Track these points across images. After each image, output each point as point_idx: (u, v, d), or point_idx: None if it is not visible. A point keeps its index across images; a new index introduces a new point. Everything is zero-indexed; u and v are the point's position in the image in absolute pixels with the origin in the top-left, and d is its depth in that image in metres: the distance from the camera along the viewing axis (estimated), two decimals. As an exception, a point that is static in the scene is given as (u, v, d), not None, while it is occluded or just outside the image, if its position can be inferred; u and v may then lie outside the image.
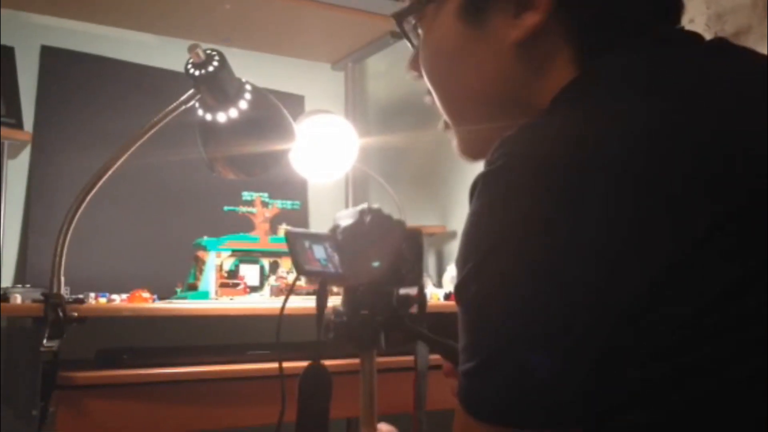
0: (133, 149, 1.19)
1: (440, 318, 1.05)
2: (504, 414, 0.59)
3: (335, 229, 0.98)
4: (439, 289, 1.69)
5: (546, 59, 0.71)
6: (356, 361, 1.00)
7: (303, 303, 1.27)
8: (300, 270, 0.94)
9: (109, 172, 1.18)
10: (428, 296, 1.61)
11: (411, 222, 1.35)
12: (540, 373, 0.58)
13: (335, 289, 1.06)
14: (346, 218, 0.99)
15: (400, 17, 0.81)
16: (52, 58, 1.83)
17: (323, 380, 0.96)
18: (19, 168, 1.76)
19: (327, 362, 0.93)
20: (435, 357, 1.00)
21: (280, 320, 0.98)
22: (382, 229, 0.98)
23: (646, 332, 0.56)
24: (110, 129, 1.77)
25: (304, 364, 0.93)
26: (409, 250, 0.99)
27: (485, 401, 0.60)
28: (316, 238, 0.98)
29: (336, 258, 0.98)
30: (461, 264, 0.63)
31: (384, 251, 0.96)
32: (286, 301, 0.98)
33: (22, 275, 1.73)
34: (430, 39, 0.79)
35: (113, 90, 1.88)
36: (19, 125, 1.65)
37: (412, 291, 1.01)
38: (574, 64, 0.70)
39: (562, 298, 0.57)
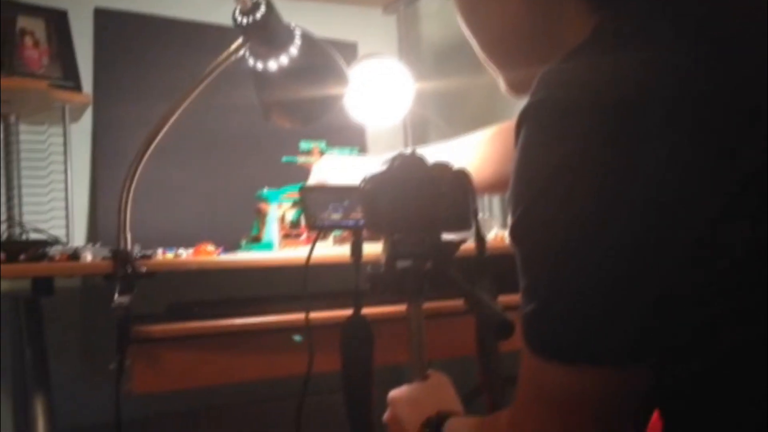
0: (187, 102, 1.19)
1: (504, 260, 1.02)
2: (569, 352, 0.59)
3: (364, 178, 0.96)
4: (505, 230, 1.66)
5: (557, 6, 0.71)
6: (404, 307, 0.99)
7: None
8: (309, 225, 0.95)
9: (166, 126, 1.19)
10: (494, 237, 1.58)
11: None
12: (601, 311, 0.57)
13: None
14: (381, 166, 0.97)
15: None
16: (105, 20, 1.85)
17: (363, 331, 0.96)
18: (82, 131, 1.80)
19: (375, 309, 0.93)
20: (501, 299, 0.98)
21: (306, 270, 0.99)
22: (412, 173, 0.95)
23: (707, 270, 0.55)
24: (169, 86, 1.78)
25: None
26: (451, 193, 0.96)
27: (549, 341, 0.60)
28: (335, 192, 0.97)
29: (358, 209, 0.96)
30: (513, 204, 0.62)
31: (415, 197, 0.94)
32: (311, 252, 0.99)
33: (93, 235, 1.78)
34: None
35: (168, 48, 1.89)
36: (77, 88, 1.68)
37: (460, 235, 0.98)
38: (588, 11, 0.69)
39: (620, 234, 0.55)
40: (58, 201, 1.66)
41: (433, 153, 1.17)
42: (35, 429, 1.24)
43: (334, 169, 1.35)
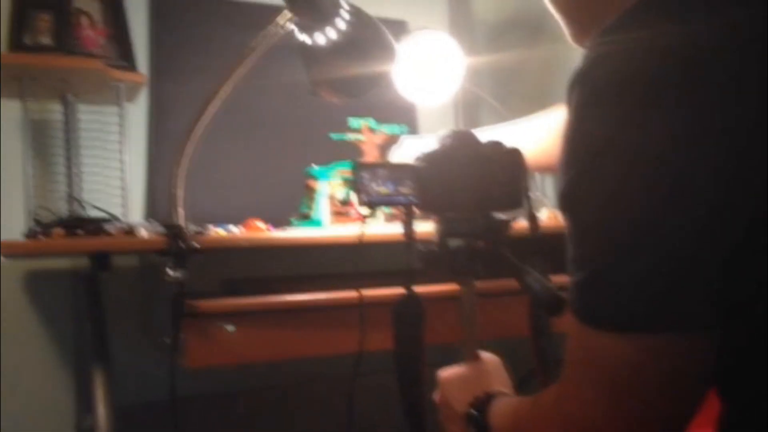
0: (235, 78, 1.20)
1: (557, 239, 1.00)
2: (624, 320, 0.57)
3: (417, 156, 0.95)
4: (557, 210, 1.62)
5: None
6: (456, 286, 0.98)
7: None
8: (360, 201, 0.94)
9: (215, 104, 1.19)
10: (545, 217, 1.55)
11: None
12: (659, 277, 0.55)
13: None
14: (432, 144, 0.96)
15: None
16: (159, 1, 1.86)
17: (415, 308, 0.95)
18: (139, 110, 1.82)
19: (427, 288, 0.92)
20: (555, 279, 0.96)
21: (359, 248, 0.99)
22: (465, 152, 0.93)
23: None
24: (223, 65, 1.78)
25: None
26: (503, 172, 0.94)
27: (602, 310, 0.58)
28: (387, 168, 0.96)
29: (409, 187, 0.95)
30: (565, 169, 0.60)
31: (467, 175, 0.92)
32: (363, 229, 0.99)
33: (150, 213, 1.81)
34: None
35: (222, 28, 1.89)
36: (133, 67, 1.70)
37: (512, 214, 0.97)
38: None
39: (677, 200, 0.53)
40: (115, 179, 1.69)
41: (498, 133, 1.15)
42: (95, 403, 1.27)
43: (414, 152, 1.34)
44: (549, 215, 1.55)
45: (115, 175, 1.68)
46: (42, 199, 1.66)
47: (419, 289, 0.98)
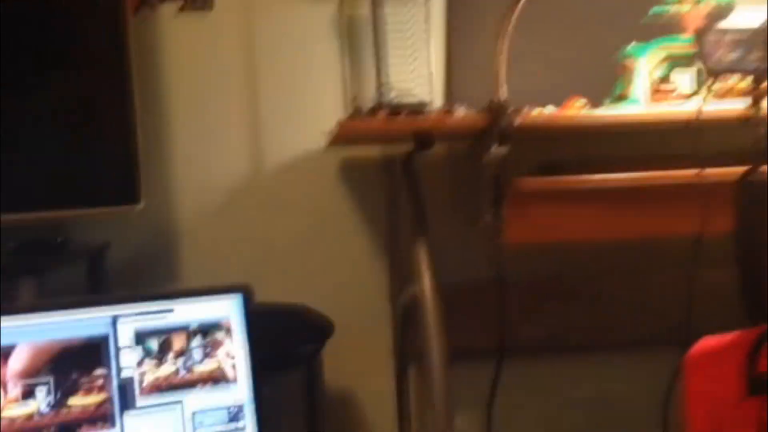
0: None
1: None
2: None
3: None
4: None
5: None
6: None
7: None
8: (707, 69, 0.85)
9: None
10: None
11: None
12: None
13: None
14: None
15: None
16: None
17: (761, 189, 0.86)
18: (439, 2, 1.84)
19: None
20: None
21: (692, 126, 0.90)
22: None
23: None
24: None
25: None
26: None
27: None
28: (736, 33, 0.85)
29: (761, 53, 0.85)
30: None
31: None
32: (698, 109, 0.90)
33: (450, 99, 1.83)
34: None
35: None
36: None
37: None
38: None
39: None
40: (420, 68, 1.74)
41: None
42: (419, 276, 1.33)
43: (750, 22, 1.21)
44: None
45: (420, 64, 1.73)
46: (356, 90, 1.76)
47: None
